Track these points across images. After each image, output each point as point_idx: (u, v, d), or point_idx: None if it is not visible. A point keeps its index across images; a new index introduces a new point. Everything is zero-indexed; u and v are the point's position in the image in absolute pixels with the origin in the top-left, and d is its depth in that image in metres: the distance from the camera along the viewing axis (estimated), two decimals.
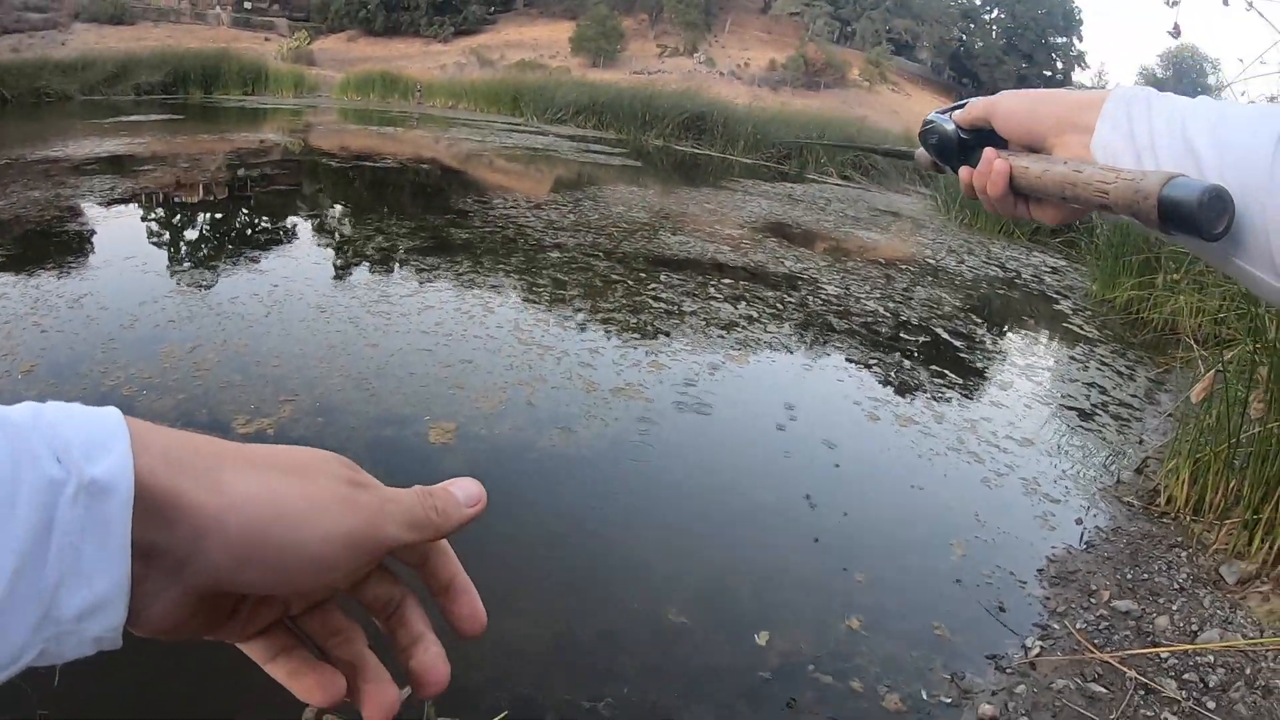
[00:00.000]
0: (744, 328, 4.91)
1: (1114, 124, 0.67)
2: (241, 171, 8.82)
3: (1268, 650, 2.38)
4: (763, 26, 73.12)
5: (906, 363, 4.97)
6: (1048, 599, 2.68)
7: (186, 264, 4.89)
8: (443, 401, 3.23)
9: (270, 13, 63.21)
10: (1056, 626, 2.51)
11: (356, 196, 8.48)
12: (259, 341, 3.56)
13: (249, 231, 6.05)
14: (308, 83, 25.48)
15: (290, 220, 6.60)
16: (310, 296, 4.30)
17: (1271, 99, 4.80)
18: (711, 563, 2.58)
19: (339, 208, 7.76)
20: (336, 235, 6.31)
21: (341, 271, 5.02)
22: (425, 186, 9.81)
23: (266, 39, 48.45)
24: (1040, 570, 2.86)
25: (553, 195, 9.60)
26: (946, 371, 4.96)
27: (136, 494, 0.34)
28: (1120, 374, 5.81)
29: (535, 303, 4.77)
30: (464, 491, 0.47)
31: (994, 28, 76.17)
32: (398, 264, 5.27)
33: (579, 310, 4.78)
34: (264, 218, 6.68)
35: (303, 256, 5.23)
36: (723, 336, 4.67)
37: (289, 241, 5.75)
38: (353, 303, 4.29)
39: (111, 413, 0.35)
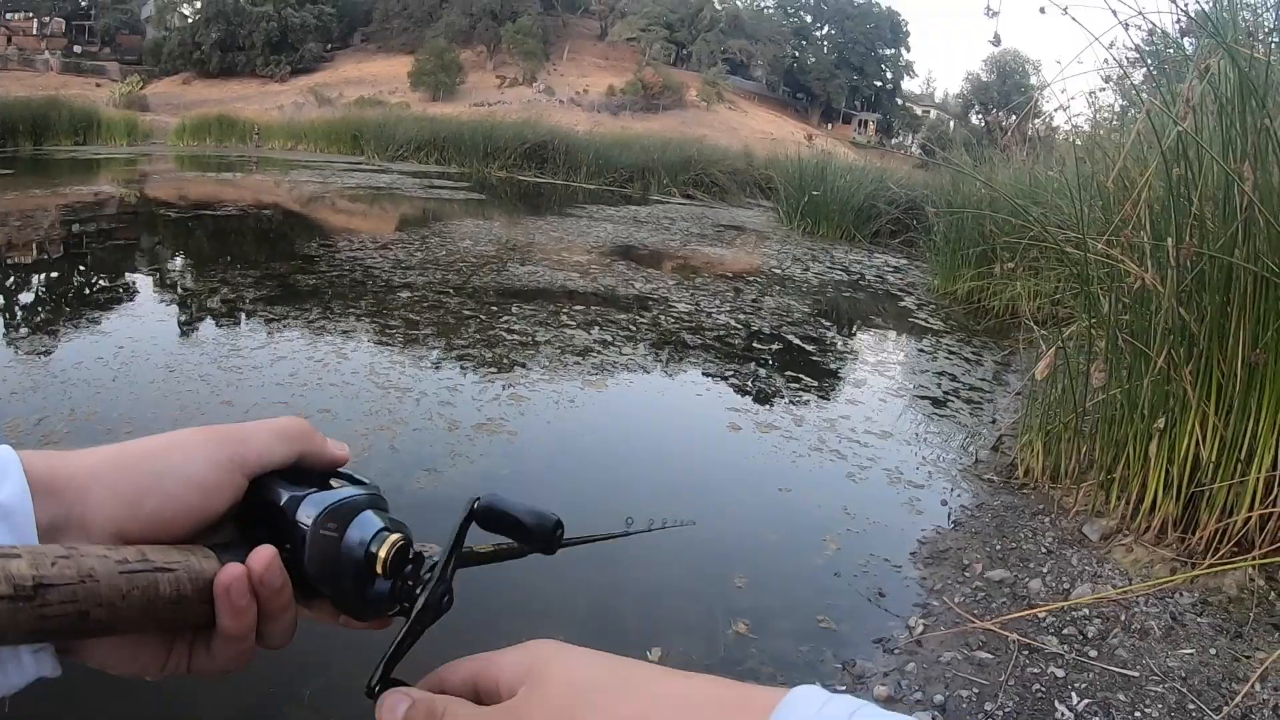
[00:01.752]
0: (599, 352, 5.10)
1: None
2: (77, 227, 8.50)
3: (1138, 596, 2.59)
4: (600, 53, 73.90)
5: (762, 371, 5.24)
6: (924, 579, 2.86)
7: (24, 330, 4.75)
8: None
9: (101, 56, 60.34)
10: (936, 603, 2.68)
11: (198, 247, 8.30)
12: (109, 408, 3.50)
13: (89, 291, 5.88)
14: (142, 129, 24.48)
15: (131, 277, 6.44)
16: (158, 356, 4.25)
17: (1090, 94, 5.26)
18: (592, 587, 2.61)
19: (181, 260, 7.59)
20: (180, 289, 6.20)
21: (188, 327, 4.97)
22: (268, 233, 9.66)
23: (98, 84, 46.41)
24: (913, 553, 3.05)
25: (399, 234, 9.61)
26: (802, 376, 5.25)
27: (29, 483, 0.43)
28: (968, 360, 6.25)
29: (389, 345, 4.83)
30: (333, 441, 0.58)
31: (825, 43, 79.00)
32: (245, 315, 5.23)
33: (434, 349, 4.87)
34: (103, 276, 6.50)
35: (147, 314, 5.14)
36: (579, 363, 4.84)
37: (131, 299, 5.63)
38: (202, 359, 4.25)
39: (4, 449, 0.44)
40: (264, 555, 0.49)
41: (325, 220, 10.94)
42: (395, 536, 0.53)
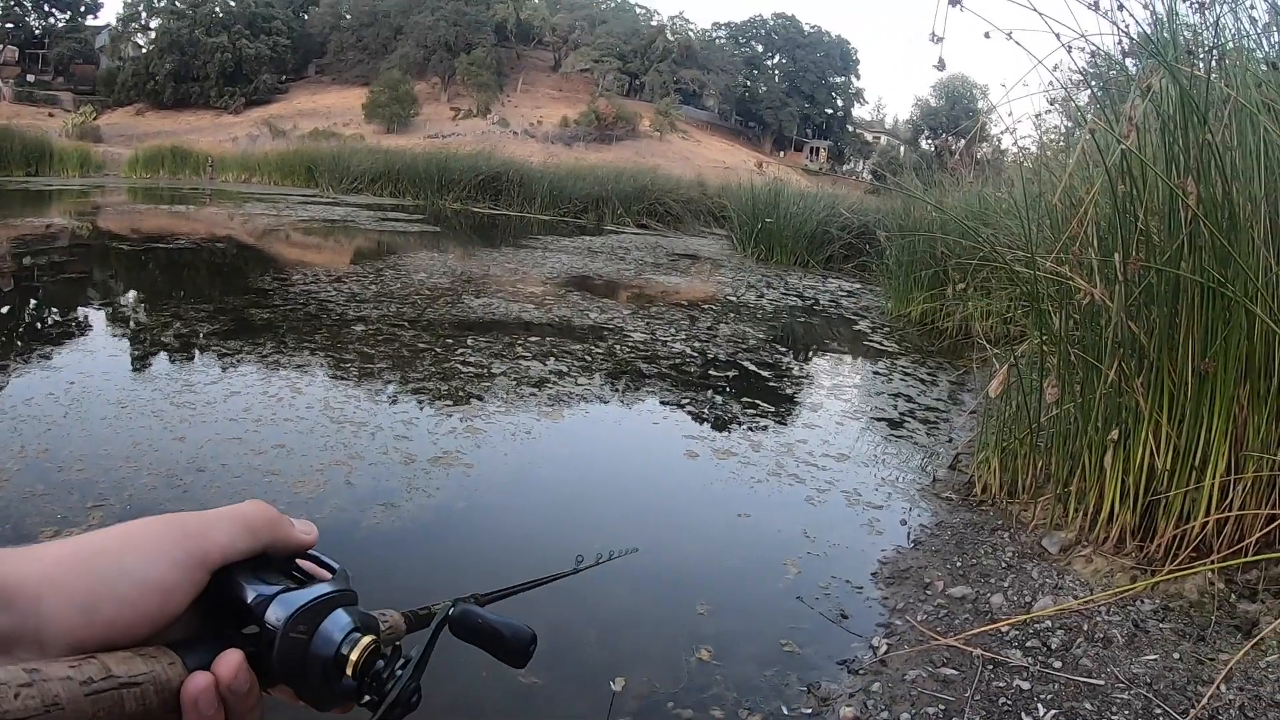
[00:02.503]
0: (555, 383, 5.07)
1: None
2: (28, 260, 8.35)
3: (1100, 605, 2.60)
4: (554, 84, 74.37)
5: (719, 398, 5.24)
6: (886, 598, 2.86)
7: None
8: (259, 490, 3.17)
9: (55, 86, 59.72)
10: (899, 622, 2.67)
11: (151, 281, 8.18)
12: (60, 445, 3.42)
13: (39, 326, 5.76)
14: (94, 161, 24.27)
15: (83, 311, 6.32)
16: (110, 392, 4.16)
17: (1037, 116, 5.37)
18: (552, 619, 2.55)
19: (133, 294, 7.47)
20: (133, 324, 6.10)
21: (140, 362, 4.88)
22: (222, 266, 9.55)
23: (51, 114, 45.92)
24: (874, 573, 3.05)
25: (353, 267, 9.55)
26: (759, 401, 5.25)
27: None
28: (923, 381, 6.30)
29: (344, 379, 4.78)
30: (299, 523, 0.57)
31: (776, 72, 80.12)
32: (199, 350, 5.15)
33: (389, 382, 4.82)
34: (55, 310, 6.37)
35: (99, 349, 5.04)
36: (535, 394, 4.81)
37: (83, 334, 5.52)
38: (155, 395, 4.17)
39: None
40: (231, 662, 0.47)
41: (279, 254, 10.84)
42: (367, 640, 0.52)
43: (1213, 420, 2.74)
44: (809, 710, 2.19)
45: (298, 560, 0.57)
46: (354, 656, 0.51)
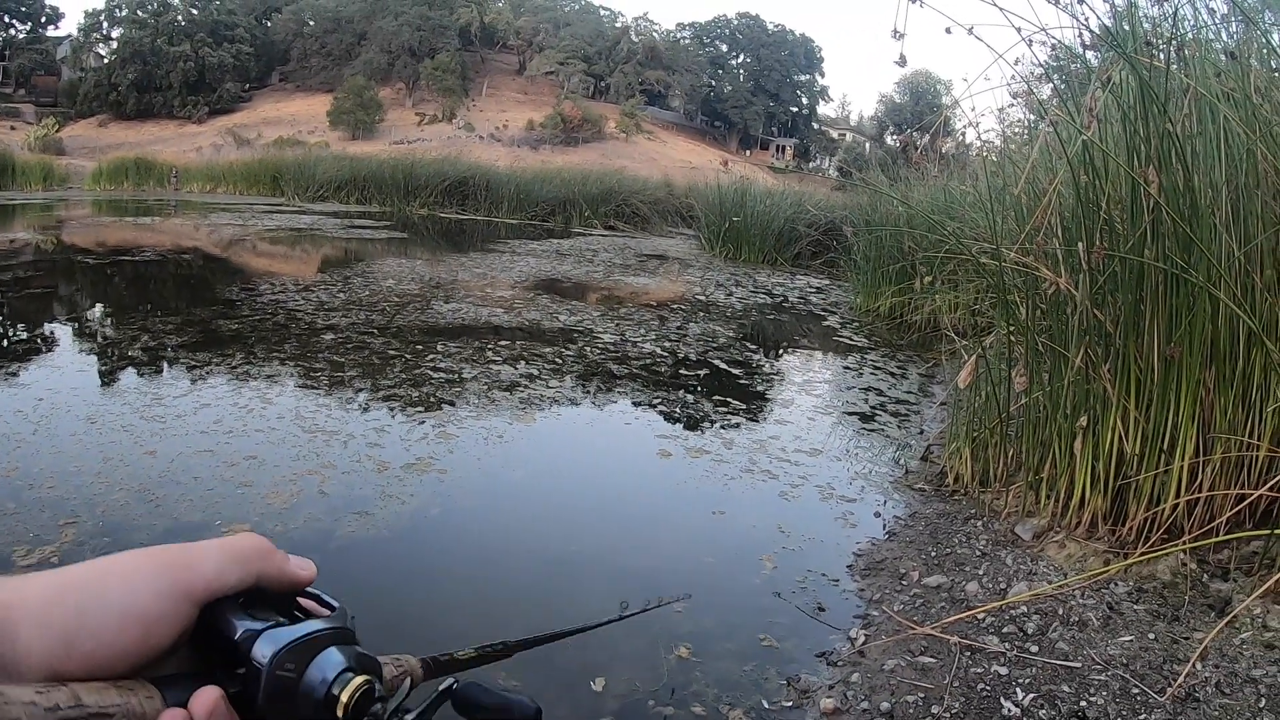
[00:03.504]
0: (526, 386, 5.05)
1: None
2: None
3: (1074, 589, 2.63)
4: (519, 88, 74.28)
5: (690, 397, 5.24)
6: (863, 590, 2.87)
7: None
8: (233, 503, 3.15)
9: (15, 98, 59.00)
10: (876, 613, 2.69)
11: (117, 294, 8.08)
12: (29, 463, 3.36)
13: (5, 342, 5.68)
14: (58, 174, 23.96)
15: (49, 326, 6.23)
16: (78, 408, 4.11)
17: (1000, 110, 5.43)
18: (529, 621, 2.53)
19: (100, 308, 7.37)
20: (100, 338, 6.02)
21: (109, 377, 4.82)
22: (189, 278, 9.44)
23: (12, 127, 45.40)
24: (850, 566, 3.06)
25: (321, 275, 9.47)
26: (730, 399, 5.26)
27: None
28: (893, 374, 6.34)
29: (314, 388, 4.74)
30: (295, 559, 0.54)
31: (741, 71, 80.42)
32: (167, 363, 5.09)
33: (360, 390, 4.78)
34: (21, 325, 6.28)
35: (66, 364, 4.97)
36: (506, 398, 4.79)
37: (50, 350, 5.44)
38: (124, 409, 4.12)
39: None
40: (205, 700, 0.45)
41: (246, 264, 10.73)
42: (360, 680, 0.50)
43: (1180, 404, 2.79)
44: (789, 703, 2.20)
45: (299, 600, 0.54)
46: (344, 697, 0.48)
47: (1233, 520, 2.67)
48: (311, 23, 72.44)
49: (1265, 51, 3.10)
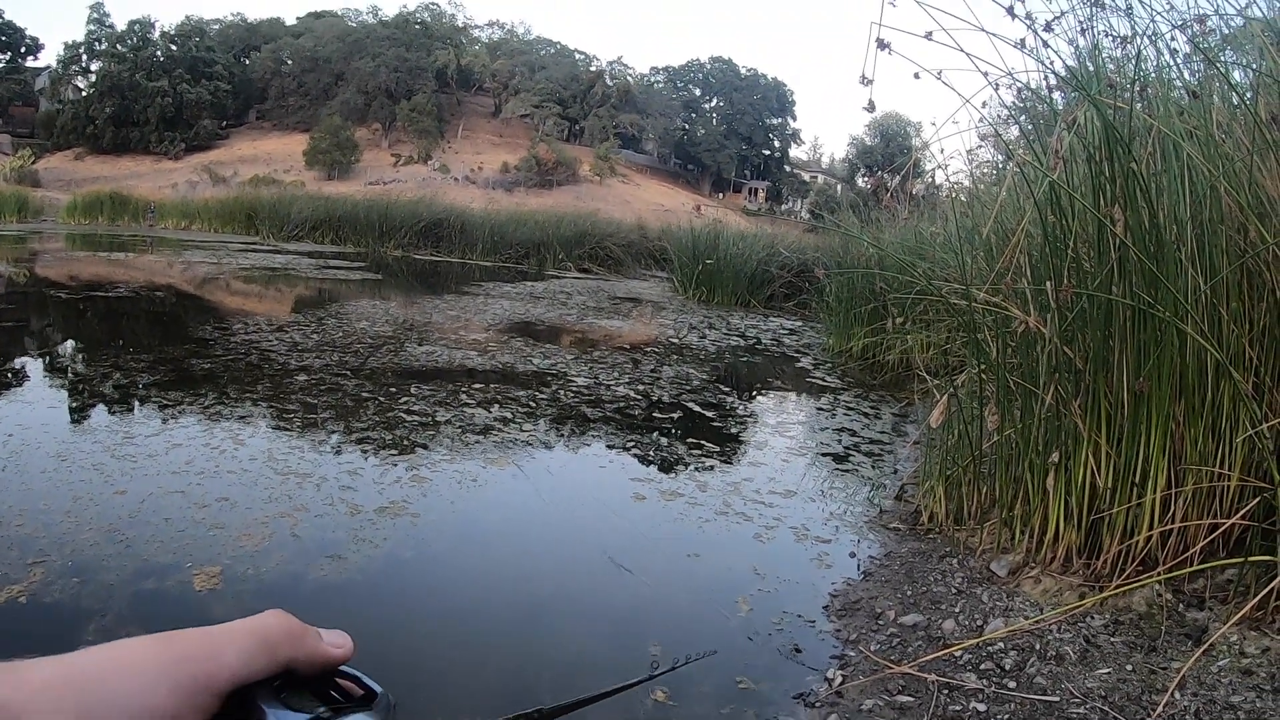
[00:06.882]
0: (500, 430, 5.03)
1: None
2: None
3: (1051, 624, 2.62)
4: (494, 130, 74.77)
5: (664, 440, 5.22)
6: (839, 630, 2.85)
7: None
8: (203, 545, 3.09)
9: None
10: (853, 653, 2.67)
11: (90, 330, 8.01)
12: None
13: None
14: (33, 206, 23.91)
15: (19, 361, 6.16)
16: (48, 445, 4.05)
17: (969, 152, 5.51)
18: (506, 666, 2.53)
19: (72, 344, 7.29)
20: (71, 374, 5.95)
21: (79, 414, 4.76)
22: (162, 315, 9.38)
23: None
24: (826, 607, 3.05)
25: (295, 315, 9.44)
26: (704, 442, 5.24)
27: None
28: (866, 415, 6.36)
29: (287, 429, 4.70)
30: (329, 634, 0.51)
31: (714, 115, 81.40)
32: (139, 401, 5.04)
33: (333, 432, 4.75)
34: None
35: (36, 401, 4.91)
36: (480, 441, 4.77)
37: (19, 385, 5.37)
38: (95, 447, 4.07)
39: None
40: None
41: (220, 302, 10.69)
42: None
43: (1150, 437, 2.82)
44: None
45: (335, 682, 0.51)
46: None
47: (1206, 549, 2.69)
48: (290, 62, 72.77)
49: (1225, 89, 3.17)
